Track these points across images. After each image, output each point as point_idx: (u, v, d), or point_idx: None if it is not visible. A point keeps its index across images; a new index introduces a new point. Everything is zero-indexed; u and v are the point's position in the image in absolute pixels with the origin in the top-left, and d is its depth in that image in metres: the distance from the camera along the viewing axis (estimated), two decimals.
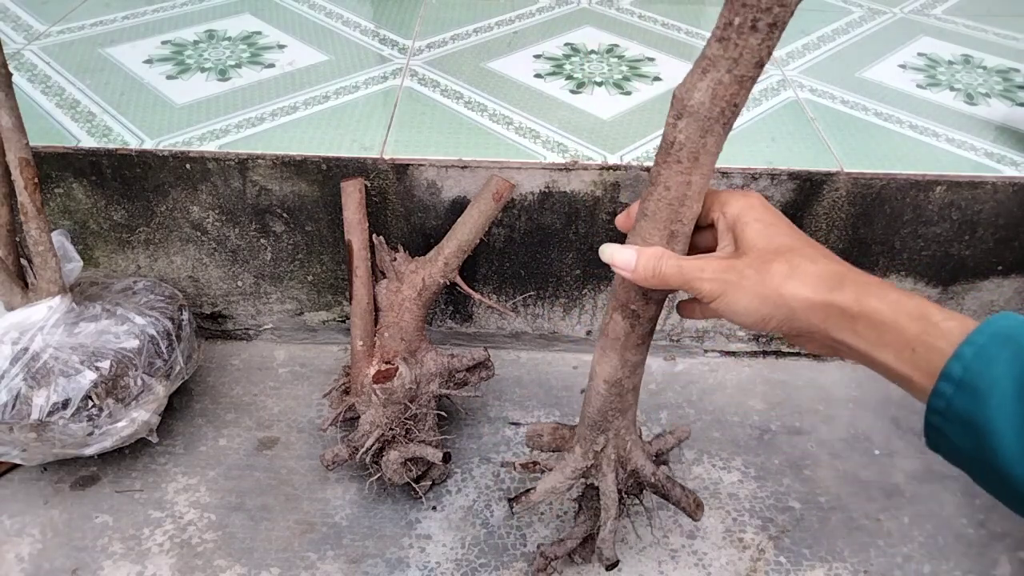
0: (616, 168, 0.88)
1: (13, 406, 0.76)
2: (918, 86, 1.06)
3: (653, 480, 0.70)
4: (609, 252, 0.49)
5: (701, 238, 0.51)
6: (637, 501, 0.74)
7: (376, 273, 0.88)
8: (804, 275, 0.42)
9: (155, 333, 0.85)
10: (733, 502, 0.88)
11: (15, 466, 0.88)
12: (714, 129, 0.44)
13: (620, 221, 0.53)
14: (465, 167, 0.88)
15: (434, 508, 0.87)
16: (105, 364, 0.79)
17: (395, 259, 0.87)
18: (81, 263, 0.85)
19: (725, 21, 0.42)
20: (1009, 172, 0.89)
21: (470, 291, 0.88)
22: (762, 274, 0.43)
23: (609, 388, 0.63)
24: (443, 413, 0.88)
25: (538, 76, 1.05)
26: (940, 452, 0.40)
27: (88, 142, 0.89)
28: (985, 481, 0.38)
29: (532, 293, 1.01)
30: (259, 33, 1.13)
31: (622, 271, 0.48)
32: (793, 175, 0.88)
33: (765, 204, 0.47)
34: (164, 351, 0.85)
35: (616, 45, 1.14)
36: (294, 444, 0.94)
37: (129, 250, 0.98)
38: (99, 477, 0.89)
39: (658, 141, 0.92)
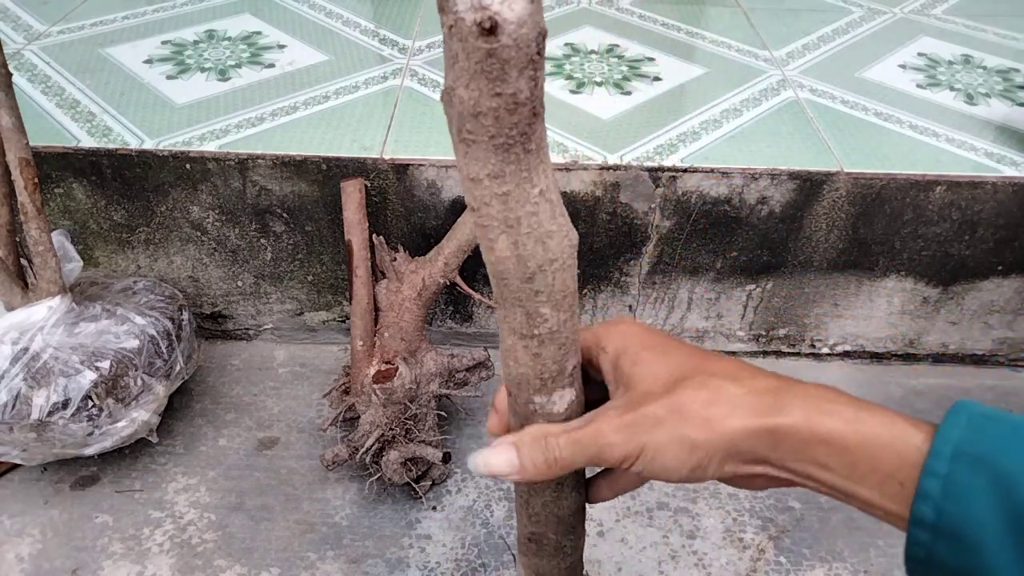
0: (616, 168, 0.88)
1: (13, 406, 0.76)
2: (918, 86, 1.06)
3: None
4: (482, 460, 0.37)
5: (593, 393, 0.40)
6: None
7: (376, 273, 0.88)
8: (730, 399, 0.33)
9: (155, 333, 0.84)
10: (733, 502, 0.88)
11: (15, 466, 0.88)
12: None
13: (492, 424, 0.42)
14: None
15: (434, 508, 0.87)
16: (105, 364, 0.79)
17: (395, 259, 0.87)
18: (81, 263, 0.85)
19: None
20: (1009, 172, 0.89)
21: (470, 291, 0.88)
22: (678, 412, 0.33)
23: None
24: (443, 413, 0.88)
25: None
26: None
27: (88, 142, 0.89)
28: None
29: None
30: (259, 33, 1.13)
31: (508, 476, 0.37)
32: (793, 175, 0.88)
33: (645, 327, 0.38)
34: (164, 351, 0.85)
35: (616, 45, 1.14)
36: (294, 444, 0.93)
37: (129, 250, 0.98)
38: (99, 477, 0.89)
39: (658, 141, 0.92)
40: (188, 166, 0.89)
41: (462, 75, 0.27)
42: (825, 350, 1.07)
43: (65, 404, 0.77)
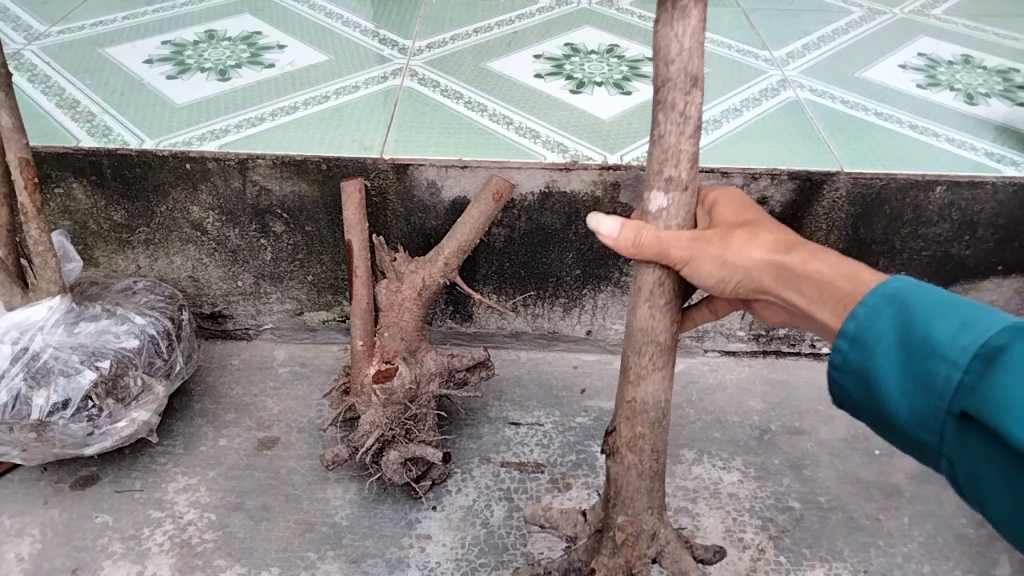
0: (616, 168, 0.88)
1: (13, 406, 0.76)
2: (918, 86, 1.06)
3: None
4: (595, 220, 0.52)
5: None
6: None
7: (376, 273, 0.88)
8: (761, 241, 0.46)
9: (155, 333, 0.85)
10: (733, 502, 0.88)
11: (15, 466, 0.88)
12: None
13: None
14: (465, 167, 0.88)
15: (434, 508, 0.87)
16: (105, 364, 0.79)
17: (395, 259, 0.87)
18: (81, 263, 0.85)
19: None
20: (1009, 172, 0.89)
21: (470, 291, 0.88)
22: (726, 240, 0.47)
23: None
24: (443, 413, 0.88)
25: (538, 76, 1.05)
26: (842, 406, 0.43)
27: (88, 142, 0.89)
28: (878, 427, 0.41)
29: (532, 293, 1.01)
30: (259, 33, 1.13)
31: (605, 238, 0.52)
32: (793, 175, 0.88)
33: (740, 192, 0.51)
34: (164, 351, 0.85)
35: (616, 45, 1.14)
36: (294, 444, 0.94)
37: (129, 250, 0.98)
38: (99, 477, 0.89)
39: None
40: (188, 166, 0.89)
41: None
42: (825, 351, 1.07)
43: (65, 404, 0.77)
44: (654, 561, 0.61)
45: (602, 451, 0.62)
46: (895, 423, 0.38)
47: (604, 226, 0.51)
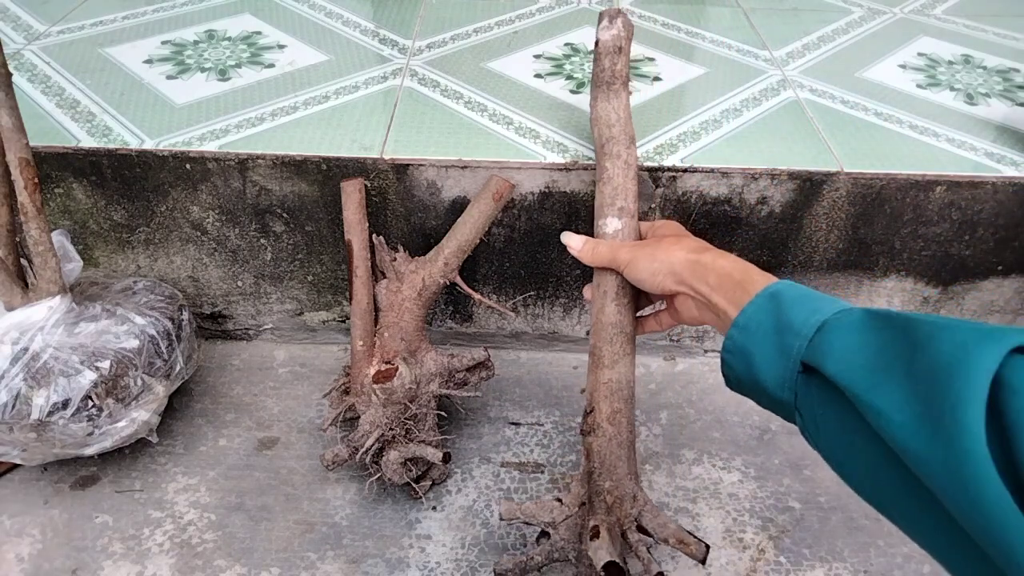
0: None
1: (13, 406, 0.76)
2: (918, 86, 1.06)
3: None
4: (567, 237, 0.72)
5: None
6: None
7: (376, 273, 0.88)
8: (683, 245, 0.62)
9: (155, 333, 0.85)
10: (733, 502, 0.88)
11: (15, 466, 0.88)
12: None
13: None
14: (465, 167, 0.88)
15: (434, 508, 0.87)
16: (105, 364, 0.79)
17: (395, 259, 0.87)
18: (81, 263, 0.85)
19: None
20: (1009, 172, 0.89)
21: (470, 291, 0.88)
22: (658, 244, 0.63)
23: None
24: (443, 413, 0.88)
25: (538, 76, 1.05)
26: (729, 385, 0.54)
27: (88, 142, 0.89)
28: (754, 396, 0.51)
29: (532, 293, 1.01)
30: (259, 33, 1.13)
31: (572, 250, 0.71)
32: (793, 175, 0.88)
33: (677, 223, 0.70)
34: (164, 351, 0.85)
35: None
36: (294, 444, 0.94)
37: (129, 250, 0.98)
38: (99, 477, 0.89)
39: (658, 141, 0.92)
40: (188, 166, 0.89)
41: None
42: None
43: (65, 404, 0.77)
44: (638, 524, 0.70)
45: (581, 431, 0.72)
46: (765, 389, 0.49)
47: (573, 241, 0.71)
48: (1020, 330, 0.35)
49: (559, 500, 0.73)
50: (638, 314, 0.73)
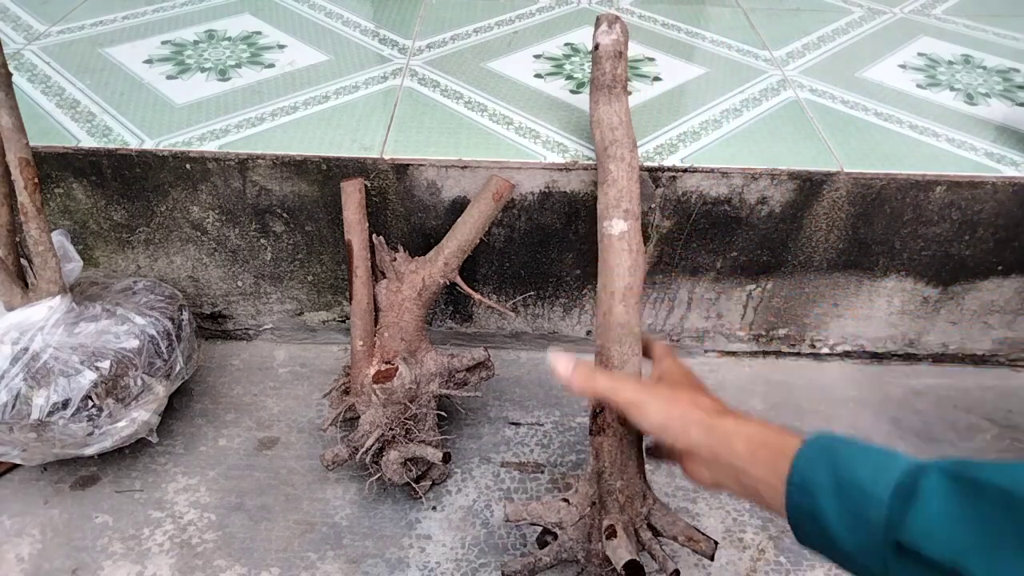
0: None
1: (13, 406, 0.76)
2: (918, 86, 1.06)
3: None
4: (555, 356, 0.60)
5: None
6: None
7: (376, 273, 0.88)
8: (702, 404, 0.55)
9: (155, 333, 0.85)
10: (733, 502, 0.88)
11: (15, 466, 0.88)
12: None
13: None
14: (465, 167, 0.88)
15: (434, 508, 0.87)
16: (105, 364, 0.79)
17: (395, 259, 0.87)
18: (81, 263, 0.85)
19: None
20: (1009, 172, 0.89)
21: (470, 291, 0.88)
22: (673, 395, 0.56)
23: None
24: (443, 413, 0.88)
25: (538, 76, 1.05)
26: (808, 546, 0.48)
27: (88, 142, 0.89)
28: (838, 561, 0.46)
29: (532, 293, 1.01)
30: (259, 33, 1.13)
31: (560, 377, 0.59)
32: (793, 175, 0.88)
33: (683, 364, 0.65)
34: (164, 351, 0.85)
35: None
36: (294, 444, 0.94)
37: (129, 250, 0.98)
38: (99, 477, 0.89)
39: (658, 141, 0.92)
40: (188, 166, 0.89)
41: None
42: (825, 350, 1.07)
43: (65, 404, 0.77)
44: (648, 523, 0.70)
45: (590, 431, 0.71)
46: (848, 555, 0.44)
47: (560, 366, 0.59)
48: None
49: (566, 500, 0.72)
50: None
